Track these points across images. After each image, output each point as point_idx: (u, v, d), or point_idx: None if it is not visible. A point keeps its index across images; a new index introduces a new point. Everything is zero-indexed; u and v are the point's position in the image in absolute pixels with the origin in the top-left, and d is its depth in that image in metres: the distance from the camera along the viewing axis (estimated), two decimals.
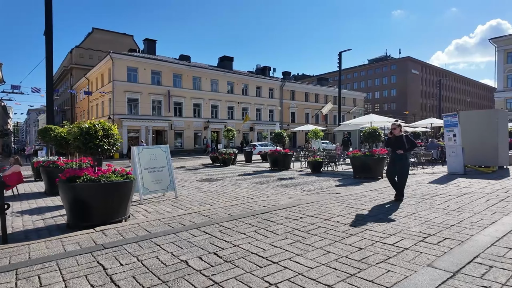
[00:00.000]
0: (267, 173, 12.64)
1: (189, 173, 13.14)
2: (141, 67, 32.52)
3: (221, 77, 38.66)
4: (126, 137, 31.58)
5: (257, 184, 9.36)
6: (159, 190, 7.21)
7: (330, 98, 50.76)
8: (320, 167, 12.13)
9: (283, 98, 45.08)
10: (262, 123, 42.61)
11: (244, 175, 12.09)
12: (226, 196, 7.51)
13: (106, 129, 5.07)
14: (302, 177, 10.92)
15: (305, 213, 5.12)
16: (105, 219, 4.89)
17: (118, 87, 30.93)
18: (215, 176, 11.89)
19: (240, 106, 40.44)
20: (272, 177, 11.19)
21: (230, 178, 11.15)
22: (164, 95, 33.89)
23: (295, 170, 13.39)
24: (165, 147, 7.62)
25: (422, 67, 79.57)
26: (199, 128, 37.09)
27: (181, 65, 35.65)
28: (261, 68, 48.94)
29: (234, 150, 17.13)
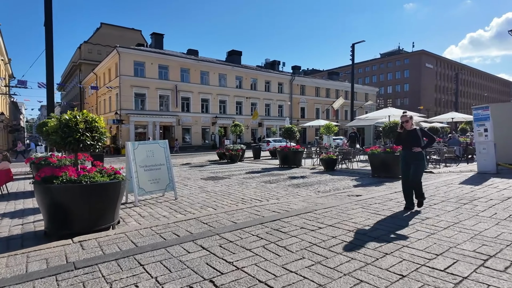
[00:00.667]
0: (277, 171, 11.82)
1: (194, 171, 12.43)
2: (148, 62, 31.95)
3: (229, 71, 37.84)
4: (133, 133, 31.20)
5: (266, 184, 8.55)
6: (156, 190, 6.48)
7: (341, 93, 49.44)
8: (334, 164, 11.25)
9: (293, 93, 44.00)
10: (271, 119, 41.68)
11: (252, 172, 11.30)
12: (232, 197, 6.73)
13: (89, 121, 4.33)
14: (315, 176, 10.06)
15: (324, 222, 4.29)
16: (89, 226, 4.17)
17: (125, 81, 30.46)
18: (221, 174, 11.14)
19: (249, 101, 39.59)
20: (282, 175, 10.36)
21: (237, 176, 10.38)
22: (171, 90, 33.31)
23: (307, 167, 12.53)
24: (164, 142, 6.86)
25: (436, 60, 77.00)
26: (207, 123, 36.45)
27: (188, 59, 34.95)
28: (270, 62, 47.88)
29: (242, 146, 16.36)
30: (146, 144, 6.60)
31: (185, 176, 10.47)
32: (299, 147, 12.90)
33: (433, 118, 21.20)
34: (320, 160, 11.69)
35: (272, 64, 47.20)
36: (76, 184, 4.08)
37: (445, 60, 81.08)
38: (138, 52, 31.56)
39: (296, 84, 44.53)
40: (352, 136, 17.42)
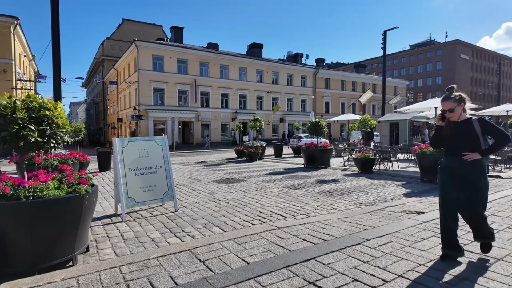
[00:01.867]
0: (302, 172, 10.21)
1: (208, 170, 11.07)
2: (167, 56, 31.11)
3: (250, 65, 36.33)
4: (152, 129, 30.55)
5: (290, 190, 7.00)
6: (151, 200, 5.10)
7: (369, 86, 46.58)
8: (372, 165, 9.48)
9: (317, 86, 41.82)
10: (294, 114, 39.82)
11: (273, 174, 9.76)
12: (247, 210, 5.24)
13: (34, 109, 2.96)
14: (349, 179, 8.37)
15: (388, 266, 2.68)
16: (33, 263, 2.84)
17: (144, 76, 29.80)
18: (237, 175, 9.69)
19: (270, 95, 37.94)
20: (309, 178, 8.75)
21: (255, 178, 8.89)
22: (190, 85, 32.34)
23: (337, 168, 10.82)
24: (161, 138, 5.47)
25: (472, 51, 71.36)
26: (226, 119, 35.25)
27: (208, 52, 33.80)
28: (292, 55, 45.86)
29: (261, 143, 14.86)
30: (138, 141, 5.23)
31: (196, 178, 9.11)
32: (327, 145, 11.19)
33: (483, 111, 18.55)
34: (354, 159, 9.93)
35: (295, 57, 45.18)
36: (13, 202, 2.74)
37: (482, 51, 75.04)
38: (157, 45, 30.76)
39: (320, 77, 42.29)
40: (368, 133, 15.06)
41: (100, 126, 54.69)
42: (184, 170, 11.22)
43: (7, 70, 24.13)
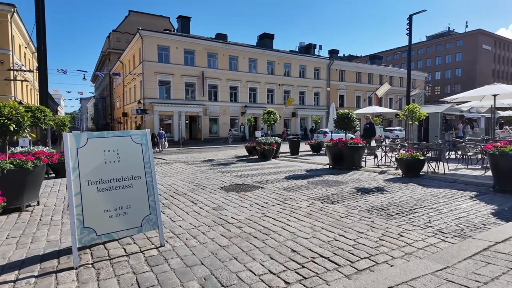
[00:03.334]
0: (329, 174, 8.32)
1: (214, 172, 9.28)
2: (173, 46, 29.37)
3: (260, 56, 34.30)
4: (158, 123, 28.97)
5: (324, 204, 5.13)
6: (122, 230, 3.30)
7: (386, 78, 44.01)
8: (421, 168, 7.52)
9: (331, 79, 39.53)
10: (306, 108, 37.73)
11: (294, 177, 7.91)
12: (271, 244, 3.40)
13: None
14: (397, 187, 6.45)
15: None
16: None
17: (148, 67, 28.17)
18: (251, 178, 7.87)
19: (281, 88, 35.89)
20: (342, 184, 6.87)
21: (273, 184, 7.05)
22: (198, 77, 30.58)
23: (371, 170, 8.89)
24: (141, 134, 3.61)
25: (495, 41, 67.42)
26: (235, 113, 33.43)
27: (216, 42, 31.91)
28: (305, 46, 43.55)
29: (276, 139, 12.99)
30: (104, 138, 3.40)
31: (200, 183, 7.33)
32: (359, 141, 9.23)
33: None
34: (397, 160, 7.95)
35: (307, 48, 42.86)
36: None
37: (506, 41, 70.84)
38: (162, 35, 29.04)
39: (335, 69, 39.96)
40: (367, 129, 12.48)
41: (107, 121, 53.66)
42: (187, 172, 9.46)
43: (4, 61, 22.82)
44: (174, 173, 9.32)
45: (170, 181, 7.73)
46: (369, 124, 12.29)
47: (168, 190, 6.50)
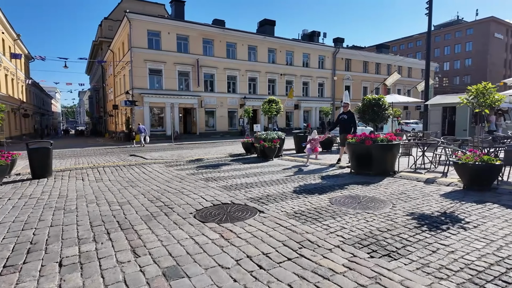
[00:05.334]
0: (356, 185, 5.93)
1: (197, 180, 6.89)
2: (165, 31, 26.74)
3: (261, 42, 31.62)
4: (148, 116, 26.56)
5: (376, 260, 2.73)
6: None
7: (394, 68, 41.27)
8: (495, 177, 5.11)
9: (336, 68, 36.86)
10: (310, 100, 35.17)
11: (308, 191, 5.51)
12: None
13: None
14: (476, 212, 4.04)
15: None
16: None
17: (137, 55, 25.61)
18: (244, 192, 5.47)
19: (284, 78, 33.28)
20: (383, 204, 4.48)
21: (277, 204, 4.65)
22: (192, 66, 28.02)
23: (412, 177, 6.47)
24: None
25: (507, 30, 64.25)
26: (234, 106, 30.93)
27: (212, 27, 29.24)
28: (308, 33, 40.73)
29: (280, 135, 10.57)
30: None
31: (167, 201, 4.93)
32: (394, 138, 6.78)
33: None
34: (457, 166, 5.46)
35: (311, 36, 40.03)
36: None
37: None
38: (152, 19, 26.38)
39: (341, 58, 37.26)
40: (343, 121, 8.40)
41: (100, 115, 51.20)
42: (161, 178, 7.07)
43: None
44: (143, 180, 6.93)
45: (128, 195, 5.35)
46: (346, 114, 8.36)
47: (112, 217, 4.12)
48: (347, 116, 8.35)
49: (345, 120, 8.39)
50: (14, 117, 30.38)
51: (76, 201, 5.04)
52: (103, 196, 5.36)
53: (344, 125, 8.37)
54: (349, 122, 8.26)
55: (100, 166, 9.23)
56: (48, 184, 6.61)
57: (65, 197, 5.35)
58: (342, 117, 8.47)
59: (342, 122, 8.45)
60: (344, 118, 8.39)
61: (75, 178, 7.30)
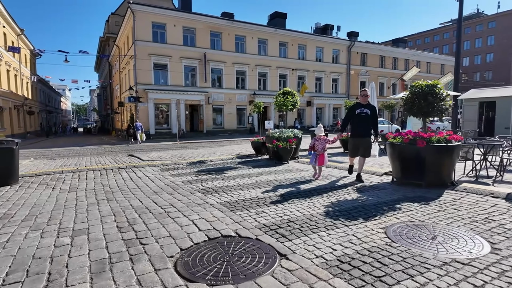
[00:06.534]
0: (410, 202, 4.30)
1: (193, 191, 5.36)
2: (170, 23, 25.34)
3: (272, 36, 29.90)
4: (153, 113, 25.26)
5: None
6: None
7: (413, 63, 39.00)
8: None
9: (351, 63, 34.85)
10: (324, 96, 33.28)
11: (350, 214, 3.90)
12: None
13: None
14: None
15: None
16: None
17: (141, 48, 24.28)
18: (256, 212, 3.92)
19: (295, 73, 31.51)
20: (472, 243, 2.84)
21: (309, 238, 3.08)
22: (199, 60, 26.56)
23: (482, 191, 4.77)
24: None
25: None
26: (243, 102, 29.36)
27: (220, 19, 27.69)
28: (321, 27, 38.73)
29: (296, 133, 8.96)
30: None
31: (140, 232, 3.38)
32: (455, 137, 5.08)
33: None
34: None
35: (324, 30, 38.04)
36: None
37: None
38: (157, 10, 24.97)
39: (356, 52, 35.21)
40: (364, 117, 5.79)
41: (107, 112, 50.41)
42: (147, 189, 5.55)
43: None
44: (126, 190, 5.43)
45: (94, 217, 3.85)
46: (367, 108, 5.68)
47: (48, 264, 2.60)
48: (369, 110, 5.60)
49: (366, 117, 5.58)
50: (17, 114, 29.55)
51: (16, 226, 3.56)
52: (60, 217, 3.87)
53: (364, 124, 5.62)
54: (372, 120, 5.64)
55: (85, 170, 7.80)
56: (4, 195, 5.17)
57: (8, 217, 3.88)
58: (361, 111, 5.61)
59: (359, 119, 5.62)
60: (366, 114, 5.58)
61: (45, 186, 5.87)
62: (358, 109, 5.62)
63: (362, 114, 5.59)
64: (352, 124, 5.76)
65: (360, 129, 5.68)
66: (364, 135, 5.67)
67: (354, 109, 5.70)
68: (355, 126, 5.71)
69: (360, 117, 5.61)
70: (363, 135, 5.68)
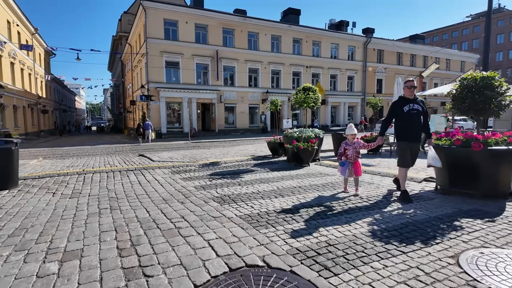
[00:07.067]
0: (470, 219, 3.56)
1: (207, 199, 4.74)
2: (182, 20, 24.88)
3: (285, 32, 29.09)
4: (164, 112, 24.89)
5: None
6: None
7: (432, 60, 37.48)
8: None
9: (367, 60, 33.66)
10: (339, 94, 32.25)
11: (402, 235, 3.17)
12: None
13: None
14: None
15: None
16: None
17: (153, 46, 23.91)
18: (284, 230, 3.25)
19: (309, 71, 30.62)
20: None
21: (360, 272, 2.40)
22: (211, 57, 26.03)
23: None
24: None
25: None
26: (255, 101, 28.69)
27: (232, 16, 27.07)
28: (335, 23, 37.63)
29: (316, 132, 8.23)
30: None
31: (144, 256, 2.76)
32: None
33: None
34: None
35: (339, 26, 36.94)
36: None
37: None
38: (169, 7, 24.53)
39: (372, 49, 34.00)
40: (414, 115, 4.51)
41: (120, 111, 50.63)
42: (155, 196, 4.95)
43: None
44: (133, 197, 4.84)
45: (93, 233, 3.25)
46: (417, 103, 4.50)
47: None
48: (420, 106, 4.45)
49: (418, 114, 4.42)
50: (31, 112, 29.74)
51: (0, 244, 2.98)
52: (54, 232, 3.29)
53: (418, 124, 4.46)
54: (424, 118, 4.51)
55: (91, 172, 7.28)
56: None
57: None
58: (411, 108, 4.40)
59: (411, 119, 4.41)
60: (417, 111, 4.41)
61: (46, 191, 5.34)
62: (406, 105, 4.44)
63: (413, 112, 4.41)
64: (401, 124, 4.52)
65: (415, 131, 4.47)
66: (419, 138, 4.61)
67: (401, 106, 4.47)
68: (405, 127, 4.46)
69: (412, 116, 4.41)
70: (418, 139, 4.57)
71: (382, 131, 4.73)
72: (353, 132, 4.90)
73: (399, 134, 4.53)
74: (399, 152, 4.56)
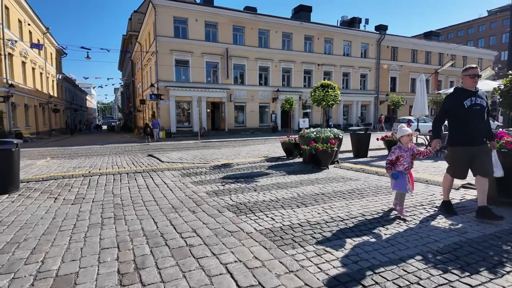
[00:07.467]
0: None
1: (221, 207, 4.27)
2: (192, 18, 24.54)
3: (296, 29, 28.47)
4: (174, 112, 24.62)
5: None
6: None
7: (447, 57, 36.26)
8: None
9: (381, 57, 32.73)
10: (351, 93, 31.46)
11: (463, 268, 2.64)
12: None
13: None
14: None
15: None
16: None
17: (163, 44, 23.64)
18: (315, 251, 2.77)
19: (321, 69, 29.92)
20: None
21: None
22: (221, 56, 25.62)
23: None
24: None
25: None
26: (265, 99, 28.17)
27: (243, 13, 26.58)
28: (348, 20, 36.75)
29: (335, 133, 7.68)
30: None
31: (148, 286, 2.30)
32: None
33: None
34: None
35: (351, 23, 36.06)
36: None
37: None
38: (179, 4, 24.20)
39: (386, 46, 33.06)
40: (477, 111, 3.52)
41: (130, 110, 50.82)
42: (164, 203, 4.50)
43: None
44: (140, 204, 4.41)
45: (92, 250, 2.82)
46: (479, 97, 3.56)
47: None
48: (485, 101, 3.50)
49: (481, 111, 3.49)
50: (43, 112, 29.92)
51: None
52: (48, 248, 2.86)
53: (481, 122, 3.49)
54: (487, 113, 3.54)
55: (97, 174, 6.92)
56: None
57: None
58: (473, 102, 3.47)
59: (473, 115, 3.47)
60: (481, 106, 3.48)
61: (48, 196, 4.97)
62: (468, 99, 3.46)
63: (476, 107, 3.44)
64: (458, 123, 3.57)
65: (478, 131, 3.49)
66: (483, 140, 3.56)
67: (461, 99, 3.50)
68: (464, 126, 3.51)
69: (474, 112, 3.44)
70: (481, 141, 3.53)
71: (437, 133, 3.70)
72: (407, 132, 3.65)
73: (455, 136, 3.60)
74: (451, 158, 3.72)
